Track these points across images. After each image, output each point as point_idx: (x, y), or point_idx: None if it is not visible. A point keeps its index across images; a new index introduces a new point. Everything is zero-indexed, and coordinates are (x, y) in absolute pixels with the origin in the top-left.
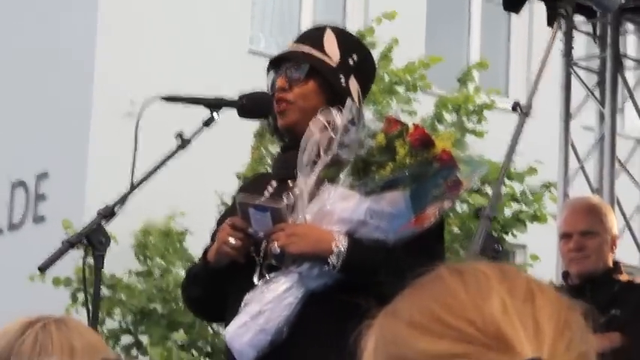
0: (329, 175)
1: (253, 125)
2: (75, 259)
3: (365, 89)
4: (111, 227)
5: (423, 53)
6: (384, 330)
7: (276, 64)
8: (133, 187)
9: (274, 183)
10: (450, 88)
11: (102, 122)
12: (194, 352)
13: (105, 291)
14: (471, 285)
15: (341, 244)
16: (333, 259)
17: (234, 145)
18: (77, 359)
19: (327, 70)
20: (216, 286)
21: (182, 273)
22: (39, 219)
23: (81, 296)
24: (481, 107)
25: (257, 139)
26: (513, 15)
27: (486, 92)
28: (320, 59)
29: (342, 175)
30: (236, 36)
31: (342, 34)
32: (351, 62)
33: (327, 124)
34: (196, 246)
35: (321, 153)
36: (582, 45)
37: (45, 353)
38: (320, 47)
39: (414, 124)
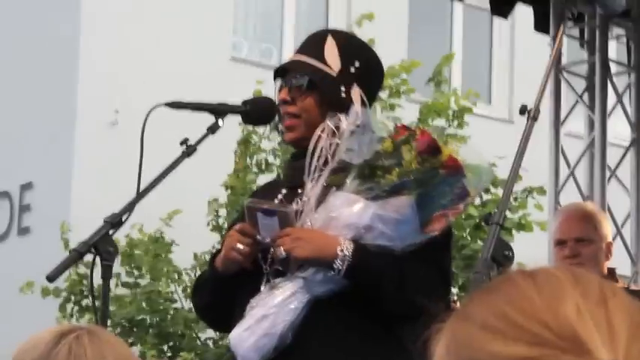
0: (336, 181)
1: (237, 134)
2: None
3: (372, 92)
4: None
5: (405, 58)
6: (456, 333)
7: (282, 73)
8: (139, 195)
9: (284, 190)
10: (432, 93)
11: (86, 132)
12: None
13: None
14: (544, 288)
15: (346, 249)
16: (338, 264)
17: (221, 154)
18: None
19: (326, 82)
20: (225, 293)
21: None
22: (24, 230)
23: (69, 307)
24: (461, 112)
25: (241, 147)
26: (495, 19)
27: (465, 96)
28: (319, 70)
29: (348, 180)
30: (218, 43)
31: (344, 40)
32: (352, 70)
33: (335, 130)
34: (183, 256)
35: (329, 159)
36: (566, 50)
37: None
38: (320, 56)
39: (420, 130)
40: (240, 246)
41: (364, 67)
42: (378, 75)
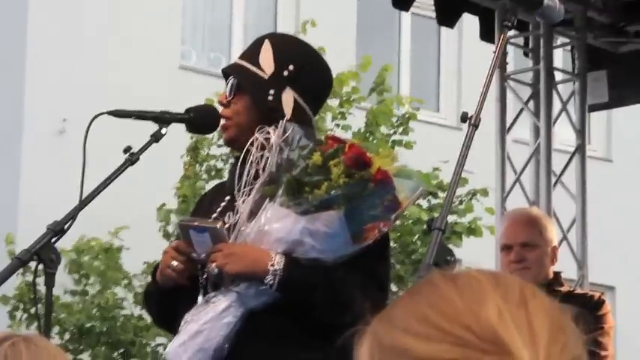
0: (268, 193)
1: (187, 140)
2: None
3: (311, 96)
4: None
5: (354, 65)
6: (379, 337)
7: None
8: (83, 203)
9: (228, 197)
10: (370, 98)
11: (34, 140)
12: None
13: (41, 309)
14: (465, 291)
15: (277, 263)
16: (269, 279)
17: (171, 160)
18: None
19: (255, 85)
20: (168, 304)
21: (119, 291)
22: None
23: (19, 314)
24: (406, 118)
25: (190, 154)
26: (443, 28)
27: (409, 102)
28: (250, 73)
29: (279, 191)
30: (167, 52)
31: (280, 44)
32: (285, 73)
33: (264, 143)
34: (134, 263)
35: (260, 172)
36: (511, 58)
37: None
38: (255, 60)
39: (349, 144)
40: (174, 263)
41: (299, 70)
42: (319, 78)
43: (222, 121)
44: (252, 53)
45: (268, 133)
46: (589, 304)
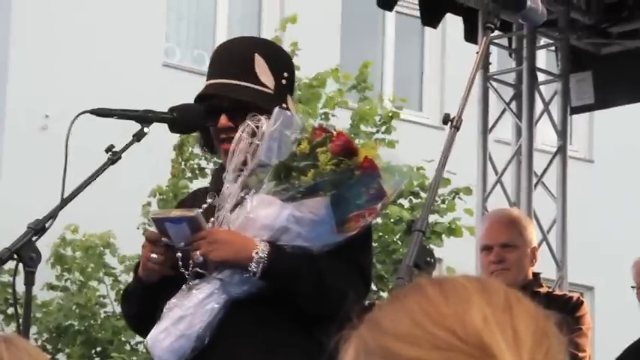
0: (253, 183)
1: (174, 137)
2: None
3: (294, 88)
4: None
5: (337, 64)
6: (365, 340)
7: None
8: (64, 202)
9: (209, 199)
10: (350, 95)
11: (16, 137)
12: None
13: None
14: (451, 296)
15: (261, 251)
16: (253, 267)
17: (157, 158)
18: None
19: (268, 103)
20: (151, 302)
21: (101, 288)
22: None
23: None
24: (389, 117)
25: (177, 152)
26: (427, 29)
27: (392, 101)
28: (259, 92)
29: (264, 182)
30: (151, 49)
31: (270, 55)
32: (284, 82)
33: (255, 130)
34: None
35: (248, 159)
36: (494, 59)
37: None
38: (254, 78)
39: (337, 132)
40: (154, 256)
41: (290, 75)
42: (293, 70)
43: (228, 145)
44: (246, 71)
45: (259, 120)
46: (568, 305)
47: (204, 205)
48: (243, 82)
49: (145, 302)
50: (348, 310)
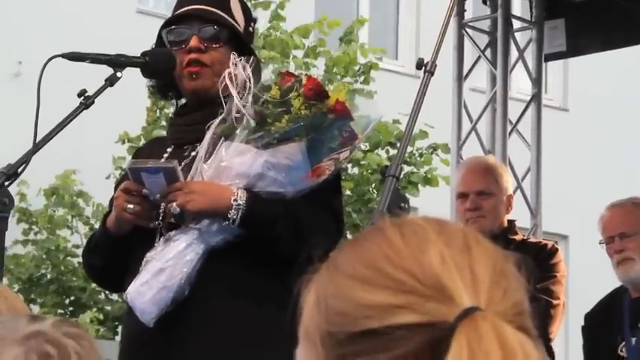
0: (226, 131)
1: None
2: None
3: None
4: None
5: (312, 12)
6: (325, 283)
7: (179, 20)
8: (36, 147)
9: (169, 149)
10: (338, 48)
11: None
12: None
13: None
14: (409, 237)
15: (240, 197)
16: (232, 214)
17: (130, 105)
18: None
19: (240, 38)
20: (118, 254)
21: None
22: None
23: None
24: (368, 67)
25: (152, 99)
26: None
27: (372, 51)
28: (234, 25)
29: (238, 130)
30: None
31: (241, 1)
32: (250, 29)
33: (234, 77)
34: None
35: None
36: (470, 5)
37: None
38: (229, 12)
39: (306, 75)
40: (130, 206)
41: (254, 28)
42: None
43: (195, 67)
44: (221, 3)
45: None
46: (542, 252)
47: (165, 155)
48: (220, 11)
49: (111, 255)
50: (319, 256)
